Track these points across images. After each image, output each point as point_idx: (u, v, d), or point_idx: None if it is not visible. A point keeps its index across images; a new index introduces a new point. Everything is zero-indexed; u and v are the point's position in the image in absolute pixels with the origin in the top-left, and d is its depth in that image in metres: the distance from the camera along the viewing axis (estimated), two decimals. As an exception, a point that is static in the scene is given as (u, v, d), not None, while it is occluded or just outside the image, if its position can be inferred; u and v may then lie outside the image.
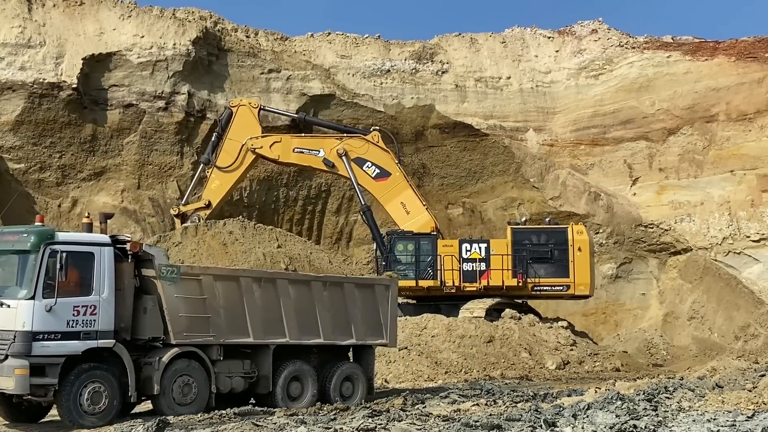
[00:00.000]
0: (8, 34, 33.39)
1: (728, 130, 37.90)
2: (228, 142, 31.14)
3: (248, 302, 17.26)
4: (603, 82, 40.26)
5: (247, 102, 31.95)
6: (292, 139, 31.90)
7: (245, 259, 18.44)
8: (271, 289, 17.72)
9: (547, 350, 28.09)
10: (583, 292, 31.56)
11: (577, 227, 32.10)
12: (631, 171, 39.13)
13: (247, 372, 17.38)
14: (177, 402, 16.12)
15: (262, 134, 31.55)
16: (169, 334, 16.16)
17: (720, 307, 35.48)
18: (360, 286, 19.49)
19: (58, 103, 33.43)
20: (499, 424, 12.16)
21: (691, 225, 37.46)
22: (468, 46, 41.23)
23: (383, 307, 19.64)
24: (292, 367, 17.92)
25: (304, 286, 18.35)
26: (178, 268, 16.42)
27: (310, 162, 31.83)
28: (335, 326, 18.65)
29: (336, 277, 19.24)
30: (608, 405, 13.44)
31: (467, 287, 30.73)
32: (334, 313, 18.67)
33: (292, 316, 17.90)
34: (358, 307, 19.12)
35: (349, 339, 19.02)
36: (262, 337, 17.47)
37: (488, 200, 39.68)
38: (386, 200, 31.45)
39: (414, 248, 30.89)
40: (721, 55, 39.11)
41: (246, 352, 17.53)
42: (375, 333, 19.54)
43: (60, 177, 34.14)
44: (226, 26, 38.11)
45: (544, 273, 31.00)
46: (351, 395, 18.80)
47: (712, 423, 11.39)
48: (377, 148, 31.49)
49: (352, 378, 19.05)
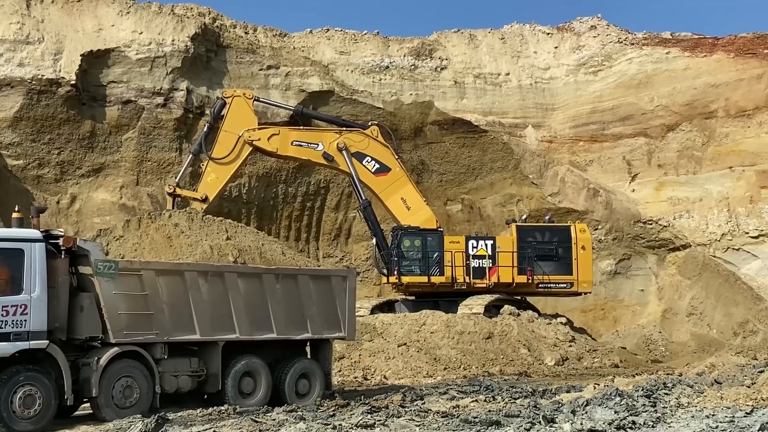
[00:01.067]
0: (6, 31, 33.35)
1: (727, 127, 37.91)
2: (223, 134, 30.06)
3: (194, 297, 16.61)
4: (602, 79, 40.25)
5: (241, 93, 31.03)
6: (290, 131, 31.17)
7: (191, 253, 17.82)
8: (219, 284, 17.06)
9: (546, 346, 28.10)
10: (586, 289, 32.23)
11: (580, 226, 32.52)
12: (630, 167, 39.14)
13: (195, 370, 16.76)
14: (117, 405, 15.46)
15: (259, 126, 30.75)
16: (107, 333, 15.50)
17: (719, 304, 35.50)
18: (315, 278, 18.83)
19: (56, 99, 33.39)
20: (497, 420, 12.17)
21: (689, 221, 37.48)
22: (467, 42, 41.21)
23: (340, 299, 18.97)
24: (243, 363, 17.27)
25: (255, 280, 17.69)
26: (116, 264, 15.81)
27: (309, 155, 31.16)
28: (289, 320, 18.02)
29: (289, 269, 18.66)
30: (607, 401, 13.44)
31: (477, 284, 30.82)
32: (288, 306, 18.03)
33: (242, 310, 17.26)
34: (313, 299, 18.45)
35: (305, 333, 18.39)
36: (210, 334, 16.84)
37: (487, 197, 39.68)
38: (386, 195, 31.15)
39: (421, 244, 30.77)
40: (719, 52, 39.11)
41: (193, 349, 16.92)
42: (332, 326, 18.89)
43: (59, 173, 34.11)
44: (225, 22, 38.07)
45: (548, 270, 31.31)
46: (307, 392, 18.20)
47: (711, 419, 11.40)
48: (377, 143, 31.18)
49: (309, 374, 18.42)
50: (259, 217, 37.57)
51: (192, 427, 13.97)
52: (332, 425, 12.46)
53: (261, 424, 13.59)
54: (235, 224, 20.59)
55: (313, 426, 12.49)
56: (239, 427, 13.55)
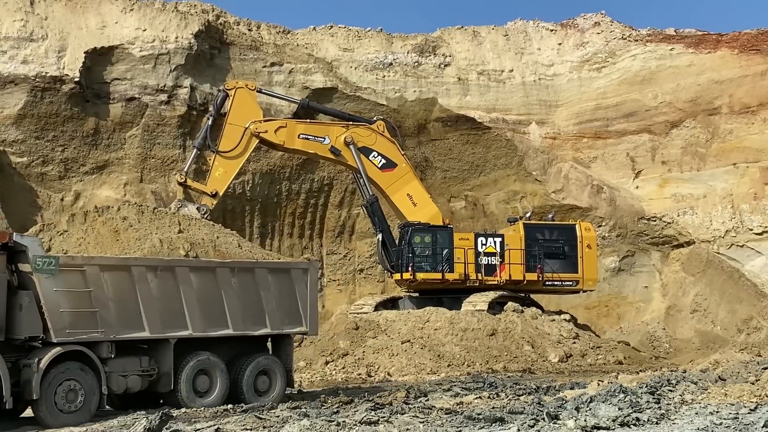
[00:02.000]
0: (10, 28, 33.37)
1: (731, 123, 37.83)
2: (229, 127, 29.38)
3: (142, 293, 15.98)
4: (606, 75, 40.18)
5: (244, 84, 30.37)
6: (297, 124, 30.72)
7: (139, 247, 17.33)
8: (170, 278, 16.43)
9: (550, 343, 28.09)
10: (591, 287, 32.81)
11: (585, 224, 32.89)
12: (634, 164, 39.09)
13: (146, 369, 16.17)
14: (60, 409, 14.83)
15: (265, 118, 30.33)
16: (49, 333, 14.87)
17: (723, 300, 35.47)
18: (274, 271, 18.27)
19: (60, 96, 33.42)
20: (501, 417, 12.17)
21: (693, 218, 37.43)
22: (470, 39, 41.17)
23: (301, 292, 18.39)
24: (197, 361, 16.69)
25: (209, 274, 17.10)
26: (56, 259, 15.23)
27: (316, 149, 30.71)
28: (246, 315, 17.45)
29: (245, 263, 18.21)
30: (611, 398, 13.43)
31: (488, 280, 30.87)
32: (245, 301, 17.44)
33: (195, 306, 16.67)
34: (272, 293, 17.89)
35: (263, 328, 17.80)
36: (161, 331, 16.21)
37: (491, 193, 39.66)
38: (392, 191, 30.98)
39: (431, 241, 30.72)
40: (724, 48, 39.02)
41: (143, 347, 16.35)
42: (293, 321, 18.31)
43: (62, 171, 34.14)
44: (228, 19, 38.07)
45: (555, 268, 31.55)
46: (268, 389, 17.68)
47: (715, 416, 11.40)
48: (384, 138, 30.96)
49: (269, 371, 17.82)
50: (263, 214, 37.60)
51: (196, 423, 14.00)
52: (336, 422, 12.48)
53: (264, 421, 13.62)
54: (189, 217, 20.04)
55: (317, 423, 12.50)
56: (243, 423, 13.57)
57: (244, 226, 37.22)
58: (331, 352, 26.25)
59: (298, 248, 38.43)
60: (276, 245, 38.12)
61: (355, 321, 28.11)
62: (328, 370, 25.01)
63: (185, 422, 14.17)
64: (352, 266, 38.57)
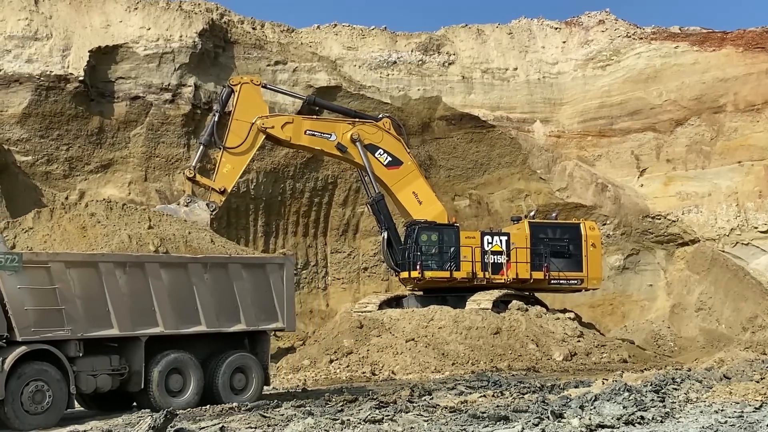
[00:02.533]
0: (15, 27, 33.42)
1: (736, 121, 37.77)
2: (235, 123, 28.97)
3: (110, 290, 15.57)
4: (610, 73, 40.13)
5: (249, 79, 29.98)
6: (304, 120, 30.41)
7: (106, 243, 17.01)
8: (139, 275, 16.04)
9: (554, 341, 28.06)
10: (595, 285, 32.80)
11: (589, 223, 32.99)
12: (639, 162, 39.03)
13: (116, 368, 15.78)
14: (27, 410, 14.47)
15: (271, 114, 30.08)
16: (13, 331, 14.49)
17: (728, 299, 35.42)
18: (248, 266, 17.92)
19: (65, 95, 33.46)
20: (506, 415, 12.16)
21: (698, 216, 37.38)
22: (474, 37, 41.14)
23: (277, 287, 18.05)
24: (169, 359, 16.32)
25: (180, 270, 16.71)
26: (19, 256, 14.79)
27: (322, 146, 30.39)
28: (220, 312, 17.09)
29: (218, 258, 17.76)
30: (615, 396, 13.42)
31: (495, 279, 30.90)
32: (219, 297, 17.07)
33: (166, 303, 16.27)
34: (247, 289, 17.51)
35: (238, 325, 17.45)
36: (131, 329, 15.83)
37: (495, 192, 39.63)
38: (398, 189, 30.73)
39: (437, 239, 30.67)
40: (728, 46, 38.96)
41: (113, 346, 15.95)
42: (269, 317, 17.97)
43: (67, 169, 34.20)
44: (233, 18, 38.09)
45: (559, 267, 31.59)
46: (244, 387, 17.42)
47: (720, 414, 11.38)
48: (390, 136, 30.75)
49: (245, 368, 17.50)
50: (267, 212, 37.60)
51: (200, 422, 14.02)
52: (340, 420, 12.48)
53: (269, 419, 13.63)
54: (159, 213, 19.78)
55: (321, 421, 12.50)
56: (247, 422, 13.60)
57: (248, 225, 37.25)
58: (336, 350, 26.25)
59: (302, 247, 38.45)
60: (280, 244, 38.13)
61: (359, 319, 28.09)
62: (332, 368, 25.02)
63: (190, 420, 14.19)
64: (357, 265, 38.57)
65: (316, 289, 38.66)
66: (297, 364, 25.90)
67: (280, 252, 20.30)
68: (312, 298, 38.54)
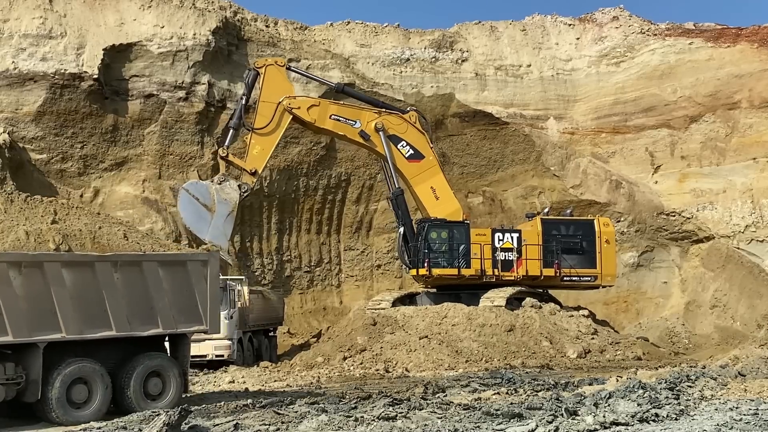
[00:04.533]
0: (30, 25, 33.56)
1: (751, 117, 37.57)
2: (262, 104, 29.04)
3: (2, 293, 14.25)
4: (624, 70, 39.99)
5: (273, 61, 30.02)
6: (330, 104, 30.42)
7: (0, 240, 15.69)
8: (37, 276, 14.67)
9: (568, 339, 28.00)
10: (609, 282, 32.43)
11: (603, 219, 32.83)
12: (653, 159, 38.88)
13: (11, 377, 14.51)
14: None
15: (299, 95, 30.22)
16: None
17: (742, 296, 35.25)
18: (166, 264, 16.47)
19: (79, 93, 33.59)
20: (520, 412, 12.14)
21: (713, 213, 37.21)
22: (488, 34, 41.06)
23: (200, 287, 16.68)
24: (73, 367, 15.04)
25: (86, 269, 15.32)
26: None
27: (345, 131, 30.20)
28: (133, 315, 15.73)
29: (130, 256, 16.24)
30: (630, 394, 13.38)
31: (505, 276, 30.79)
32: (131, 299, 15.70)
33: (68, 306, 14.93)
34: (164, 289, 16.15)
35: (154, 328, 16.09)
36: (27, 335, 14.51)
37: (509, 189, 39.57)
38: (416, 183, 30.64)
39: (447, 236, 30.62)
40: (743, 42, 38.76)
41: (7, 353, 14.66)
42: (190, 319, 16.61)
43: (82, 167, 34.34)
44: (246, 16, 38.15)
45: (572, 264, 31.38)
46: (161, 393, 16.15)
47: (735, 411, 11.33)
48: (414, 129, 30.66)
49: (162, 373, 16.25)
50: (281, 209, 37.66)
51: (215, 419, 14.05)
52: (354, 417, 12.49)
53: (283, 416, 13.64)
54: (68, 205, 18.35)
55: (335, 418, 12.52)
56: (261, 419, 13.60)
57: (261, 222, 37.33)
58: (349, 347, 26.27)
59: (316, 244, 38.51)
60: (294, 241, 38.20)
61: (372, 317, 28.10)
62: (346, 365, 25.04)
63: (204, 417, 14.22)
64: (370, 262, 38.58)
65: (330, 286, 38.70)
66: (311, 361, 25.94)
67: (204, 248, 18.27)
68: (325, 295, 38.59)
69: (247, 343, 27.95)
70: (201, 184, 27.96)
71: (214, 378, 22.74)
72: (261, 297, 30.10)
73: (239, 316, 26.99)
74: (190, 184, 28.00)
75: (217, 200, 27.12)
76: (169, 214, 34.67)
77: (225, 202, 27.39)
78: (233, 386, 21.20)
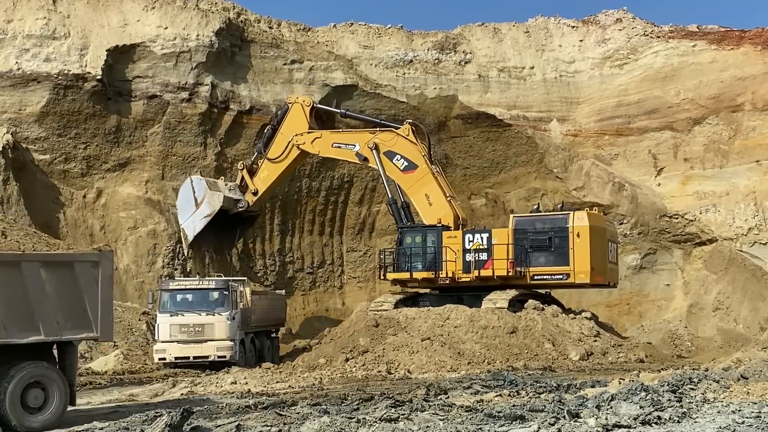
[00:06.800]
0: (33, 26, 33.61)
1: (754, 120, 37.48)
2: (279, 136, 33.47)
3: None
4: (627, 72, 39.93)
5: (301, 100, 33.98)
6: (330, 134, 33.50)
7: None
8: None
9: (571, 341, 27.96)
10: (583, 280, 30.34)
11: (579, 213, 30.92)
12: (656, 161, 38.81)
13: None
14: None
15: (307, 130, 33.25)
16: None
17: (745, 298, 35.18)
18: (50, 264, 15.22)
19: (82, 94, 33.63)
20: (522, 414, 12.12)
21: (716, 215, 37.12)
22: (491, 35, 41.02)
23: (90, 290, 15.38)
24: None
25: None
26: None
27: (347, 156, 33.23)
28: (10, 320, 14.45)
29: (6, 255, 15.55)
30: (632, 396, 13.34)
31: (463, 278, 30.62)
32: (8, 302, 14.46)
33: None
34: (47, 292, 14.88)
35: (34, 335, 14.73)
36: None
37: (511, 191, 39.53)
38: (412, 192, 31.81)
39: (422, 240, 31.00)
40: (747, 44, 38.68)
41: None
42: (78, 325, 15.32)
43: (85, 168, 34.36)
44: (249, 17, 38.15)
45: (544, 261, 30.33)
46: (42, 406, 14.79)
47: (737, 414, 11.30)
48: (406, 141, 31.96)
49: (44, 384, 14.88)
50: (284, 211, 37.69)
51: (217, 420, 14.05)
52: (356, 419, 12.46)
53: (285, 418, 13.63)
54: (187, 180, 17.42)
55: (337, 419, 12.49)
56: (263, 420, 13.59)
57: (264, 224, 37.33)
58: (351, 349, 26.25)
59: (318, 245, 38.50)
60: (296, 242, 38.20)
61: (375, 318, 28.10)
62: (348, 367, 25.02)
63: (206, 418, 14.22)
64: (372, 263, 38.56)
65: (332, 287, 38.69)
66: (313, 363, 25.92)
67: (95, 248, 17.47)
68: (328, 296, 38.58)
69: (249, 344, 27.95)
70: (203, 181, 32.87)
71: (216, 379, 22.72)
72: (263, 298, 30.14)
73: (241, 317, 27.03)
74: (196, 177, 33.07)
75: (205, 200, 32.18)
76: (172, 215, 34.68)
77: (208, 205, 32.48)
78: (235, 387, 21.19)
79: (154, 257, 34.01)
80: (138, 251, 33.99)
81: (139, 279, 33.65)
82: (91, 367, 25.62)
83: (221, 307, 26.35)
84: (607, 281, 31.57)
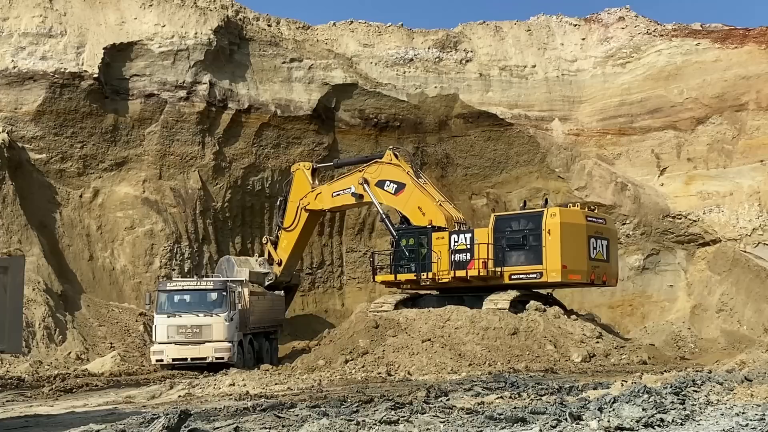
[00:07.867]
0: (29, 24, 33.42)
1: (758, 119, 37.29)
2: (290, 204, 34.19)
3: None
4: (630, 71, 39.75)
5: (302, 166, 34.42)
6: (328, 187, 33.74)
7: None
8: None
9: (573, 343, 27.75)
10: (555, 278, 29.28)
11: (552, 210, 29.90)
12: (659, 161, 38.61)
13: None
14: None
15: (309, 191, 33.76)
16: None
17: (749, 300, 34.96)
18: None
19: (79, 93, 33.44)
20: (523, 417, 11.97)
21: (720, 216, 36.90)
22: (492, 34, 40.86)
23: None
24: None
25: None
26: None
27: (347, 200, 33.33)
28: None
29: None
30: (635, 398, 13.19)
31: (443, 278, 30.52)
32: None
33: None
34: None
35: None
36: None
37: (513, 191, 39.35)
38: (407, 209, 31.88)
39: (414, 242, 31.05)
40: (751, 43, 38.49)
41: None
42: None
43: (81, 167, 34.16)
44: (248, 15, 37.98)
45: (519, 260, 29.80)
46: None
47: (741, 417, 11.17)
48: (390, 166, 32.33)
49: None
50: (283, 211, 37.47)
51: (215, 422, 13.84)
52: (355, 421, 12.27)
53: (284, 420, 13.47)
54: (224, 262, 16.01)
55: (337, 422, 12.30)
56: (262, 422, 13.43)
57: (263, 223, 37.18)
58: (351, 350, 26.11)
59: (318, 246, 38.33)
60: (296, 243, 38.01)
61: (375, 319, 27.95)
62: (347, 368, 24.86)
63: (204, 420, 14.01)
64: (372, 264, 38.36)
65: (332, 288, 38.53)
66: (312, 365, 25.78)
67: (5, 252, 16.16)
68: (327, 297, 38.42)
69: (248, 345, 27.79)
70: (232, 260, 32.99)
71: (214, 381, 22.56)
72: (262, 299, 29.98)
73: (239, 318, 26.87)
74: (226, 258, 33.43)
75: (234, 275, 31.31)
76: (170, 215, 34.50)
77: None
78: (233, 389, 21.02)
79: (151, 257, 33.86)
80: (135, 251, 33.83)
81: (136, 280, 33.50)
82: (87, 368, 25.48)
83: (219, 308, 26.23)
84: (589, 279, 30.13)
